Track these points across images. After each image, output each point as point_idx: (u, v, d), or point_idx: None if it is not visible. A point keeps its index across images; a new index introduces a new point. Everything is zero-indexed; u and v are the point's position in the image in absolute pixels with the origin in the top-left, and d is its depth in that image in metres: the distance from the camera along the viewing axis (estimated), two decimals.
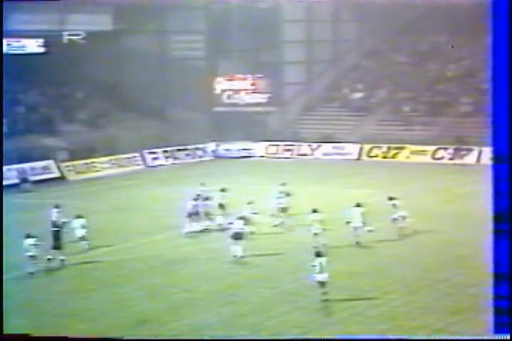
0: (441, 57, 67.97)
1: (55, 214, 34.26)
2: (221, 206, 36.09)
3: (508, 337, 15.37)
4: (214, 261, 30.10)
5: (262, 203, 35.77)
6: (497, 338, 15.48)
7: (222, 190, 36.88)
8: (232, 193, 37.11)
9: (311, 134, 62.56)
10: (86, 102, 64.25)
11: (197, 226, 34.90)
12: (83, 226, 32.76)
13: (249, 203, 34.58)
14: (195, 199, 35.51)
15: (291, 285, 26.51)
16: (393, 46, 71.20)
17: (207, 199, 35.92)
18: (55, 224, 31.86)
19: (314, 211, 31.78)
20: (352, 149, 60.18)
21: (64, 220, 33.13)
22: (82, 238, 32.67)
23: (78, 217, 33.01)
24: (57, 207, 35.05)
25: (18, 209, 39.27)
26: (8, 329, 22.63)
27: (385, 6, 65.08)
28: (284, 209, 35.57)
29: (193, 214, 34.97)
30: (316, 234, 31.05)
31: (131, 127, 61.15)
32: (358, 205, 32.26)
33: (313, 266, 24.30)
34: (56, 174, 54.12)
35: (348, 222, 31.96)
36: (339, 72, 70.60)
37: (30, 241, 30.44)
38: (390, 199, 33.48)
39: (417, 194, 43.12)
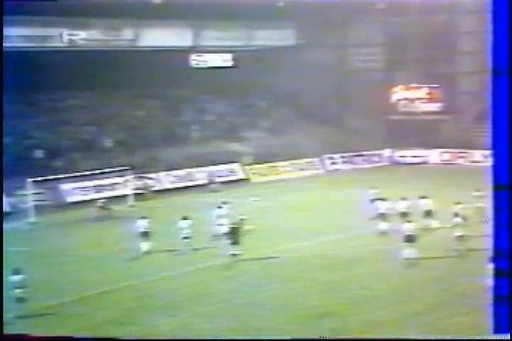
0: None
1: (221, 212, 36.18)
2: (428, 212, 36.06)
3: (508, 337, 15.29)
4: (389, 262, 30.63)
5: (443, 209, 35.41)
6: (497, 338, 15.38)
7: (423, 198, 36.72)
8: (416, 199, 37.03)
9: (485, 142, 62.71)
10: (269, 111, 66.59)
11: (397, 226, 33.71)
12: (188, 226, 33.06)
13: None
14: (379, 201, 36.25)
15: (465, 287, 26.41)
16: None
17: (403, 199, 36.07)
18: (232, 221, 33.39)
19: (456, 215, 32.19)
20: None
21: (242, 217, 35.11)
22: (185, 238, 32.98)
23: (184, 218, 33.37)
24: (224, 203, 37.42)
25: (206, 206, 41.20)
26: (192, 316, 24.74)
27: None
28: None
29: (384, 216, 35.57)
30: (460, 236, 31.51)
31: (311, 134, 62.70)
32: None
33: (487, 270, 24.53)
34: (241, 176, 56.98)
35: None
36: None
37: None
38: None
39: None
